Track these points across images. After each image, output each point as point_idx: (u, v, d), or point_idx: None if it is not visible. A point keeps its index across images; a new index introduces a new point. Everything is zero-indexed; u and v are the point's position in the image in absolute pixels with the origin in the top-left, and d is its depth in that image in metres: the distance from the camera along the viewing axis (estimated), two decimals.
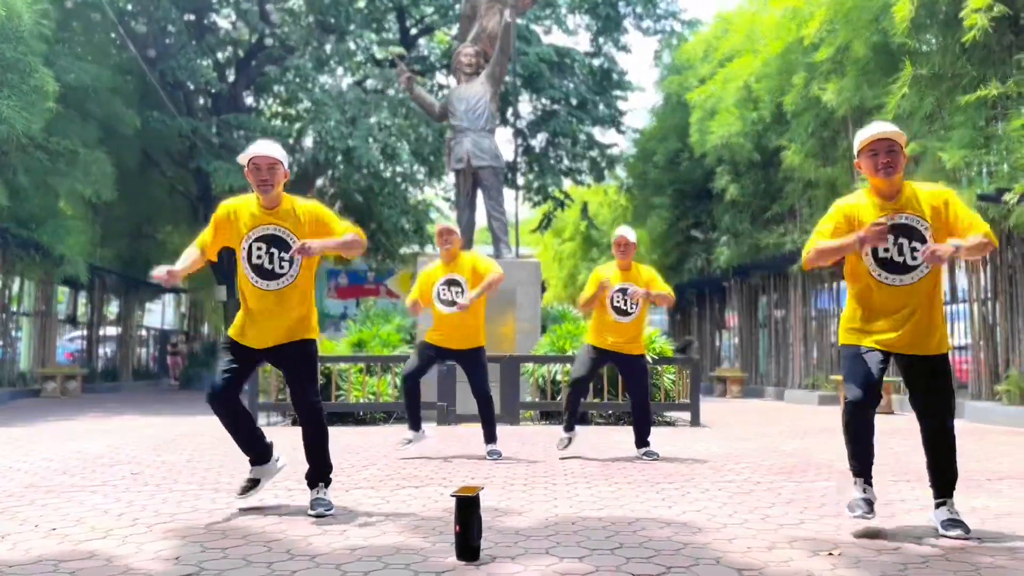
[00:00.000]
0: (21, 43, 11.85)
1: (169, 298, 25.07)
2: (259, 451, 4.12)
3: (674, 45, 21.59)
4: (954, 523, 3.47)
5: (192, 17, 18.23)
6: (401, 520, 3.76)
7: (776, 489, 4.70)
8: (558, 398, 9.35)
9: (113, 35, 16.38)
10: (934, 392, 3.55)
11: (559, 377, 9.50)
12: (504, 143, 32.71)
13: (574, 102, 21.18)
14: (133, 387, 19.19)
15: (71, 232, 14.39)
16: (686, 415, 9.44)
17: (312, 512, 3.86)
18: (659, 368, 9.50)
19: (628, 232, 6.11)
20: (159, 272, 3.77)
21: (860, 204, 3.59)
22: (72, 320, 19.89)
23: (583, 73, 21.60)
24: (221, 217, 3.99)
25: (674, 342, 11.54)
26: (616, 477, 5.16)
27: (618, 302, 6.03)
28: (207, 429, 8.35)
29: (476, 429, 8.49)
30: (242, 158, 3.92)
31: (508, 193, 17.50)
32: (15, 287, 15.18)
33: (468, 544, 3.01)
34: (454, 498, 3.06)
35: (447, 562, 2.98)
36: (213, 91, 19.26)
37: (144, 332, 23.04)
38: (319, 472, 4.05)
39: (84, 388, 15.74)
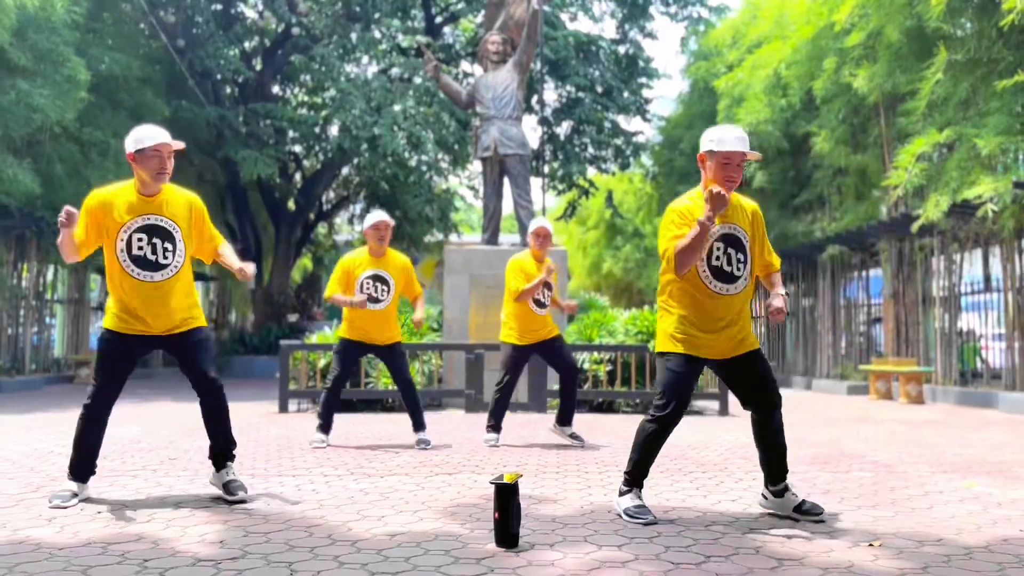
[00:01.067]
0: (54, 33, 11.98)
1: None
2: (92, 469, 3.96)
3: (701, 31, 21.38)
4: (807, 503, 3.58)
5: (220, 7, 18.33)
6: (437, 507, 3.79)
7: (811, 480, 4.68)
8: (585, 386, 9.35)
9: (143, 25, 16.51)
10: (764, 383, 3.60)
11: (587, 366, 9.50)
12: (529, 131, 32.62)
13: (599, 89, 21.04)
14: (164, 374, 19.43)
15: None
16: (715, 404, 9.41)
17: (233, 497, 3.81)
18: None
19: (548, 224, 6.24)
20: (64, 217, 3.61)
21: (696, 207, 3.54)
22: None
23: (608, 60, 21.45)
24: (94, 209, 3.77)
25: None
26: None
27: (538, 295, 6.06)
28: (237, 416, 8.45)
29: (505, 417, 8.53)
30: (145, 142, 3.74)
31: (534, 181, 17.42)
32: (49, 274, 15.41)
33: (507, 531, 3.03)
34: (493, 485, 3.08)
35: (486, 548, 3.00)
36: (240, 80, 19.37)
37: None
38: (225, 448, 4.01)
39: None
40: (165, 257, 3.83)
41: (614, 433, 6.95)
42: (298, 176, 23.02)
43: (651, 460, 3.70)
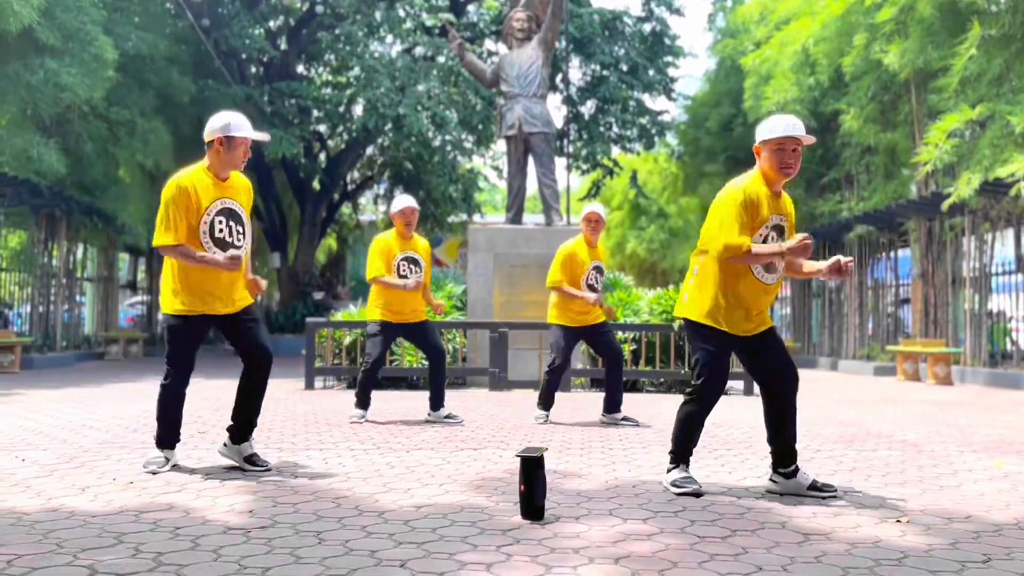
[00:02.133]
0: (81, 12, 12.07)
1: None
2: (177, 437, 4.09)
3: (728, 8, 21.11)
4: (820, 481, 3.65)
5: None
6: (463, 480, 3.81)
7: (837, 457, 4.66)
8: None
9: (168, 4, 16.58)
10: (785, 362, 3.64)
11: None
12: (553, 110, 32.40)
13: (624, 68, 20.86)
14: None
15: (131, 200, 14.73)
16: (739, 384, 9.36)
17: (259, 468, 3.99)
18: None
19: (600, 209, 6.25)
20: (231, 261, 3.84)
21: (760, 192, 3.55)
22: (132, 286, 20.43)
23: (634, 38, 21.25)
24: (178, 198, 3.81)
25: None
26: None
27: (591, 280, 6.08)
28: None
29: (528, 395, 8.56)
30: (238, 131, 3.90)
31: (558, 161, 17.29)
32: (79, 253, 15.62)
33: (533, 504, 3.04)
34: (519, 458, 3.09)
35: (512, 520, 3.02)
36: (265, 59, 19.42)
37: None
38: (254, 422, 4.13)
39: (145, 352, 16.21)
40: (239, 240, 3.98)
41: (639, 413, 6.94)
42: (323, 156, 23.08)
43: (694, 438, 3.67)
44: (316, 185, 22.18)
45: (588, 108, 21.76)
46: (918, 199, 13.11)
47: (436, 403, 6.17)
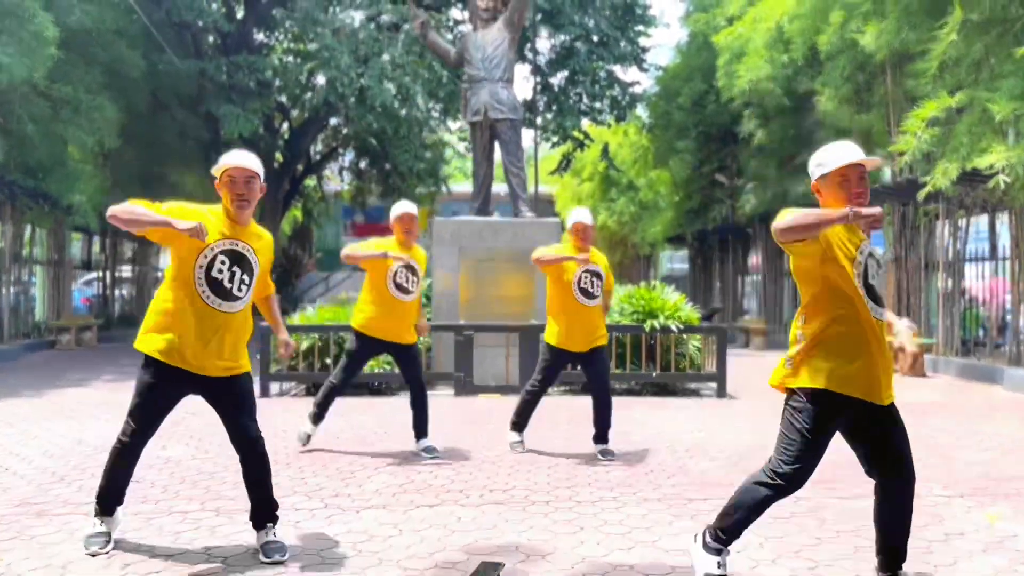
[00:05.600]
0: None
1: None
2: (121, 499, 3.71)
3: None
4: None
5: None
6: (415, 569, 3.47)
7: (816, 507, 4.37)
8: (579, 367, 9.01)
9: None
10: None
11: None
12: (522, 80, 31.78)
13: (595, 39, 20.31)
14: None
15: (80, 179, 14.04)
16: (712, 386, 9.12)
17: (267, 559, 3.51)
18: (684, 336, 9.14)
19: (586, 217, 5.70)
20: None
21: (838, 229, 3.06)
22: (87, 265, 19.75)
23: (604, 7, 20.66)
24: (191, 213, 3.44)
25: (700, 309, 11.14)
26: (645, 491, 4.84)
27: (585, 283, 5.59)
28: None
29: (494, 400, 8.25)
30: (216, 170, 3.54)
31: (526, 133, 16.73)
32: (26, 235, 14.92)
33: None
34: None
35: None
36: (221, 31, 18.61)
37: (160, 275, 22.93)
38: (267, 511, 3.70)
39: (100, 338, 15.64)
40: (240, 290, 3.56)
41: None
42: (284, 127, 22.39)
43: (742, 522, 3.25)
44: (279, 157, 21.52)
45: (558, 80, 21.24)
46: (893, 185, 12.89)
47: (422, 431, 5.80)
